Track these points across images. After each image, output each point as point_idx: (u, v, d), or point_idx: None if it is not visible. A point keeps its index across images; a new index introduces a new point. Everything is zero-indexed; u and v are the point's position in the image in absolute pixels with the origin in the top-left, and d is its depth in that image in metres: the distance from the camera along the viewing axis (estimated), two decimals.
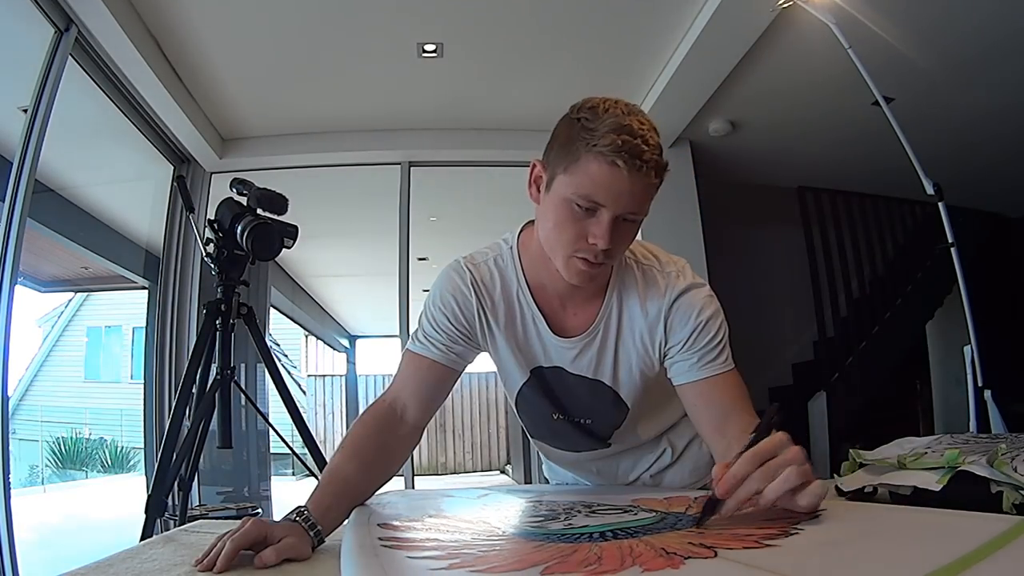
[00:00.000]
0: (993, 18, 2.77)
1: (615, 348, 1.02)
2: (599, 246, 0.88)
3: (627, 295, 1.02)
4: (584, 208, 0.87)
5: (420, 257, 5.04)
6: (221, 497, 3.71)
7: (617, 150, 0.84)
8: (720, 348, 0.97)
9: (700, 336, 0.97)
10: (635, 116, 0.88)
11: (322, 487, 0.86)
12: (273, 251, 1.91)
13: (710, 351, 0.97)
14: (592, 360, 1.03)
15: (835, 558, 0.54)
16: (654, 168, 0.86)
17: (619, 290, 1.02)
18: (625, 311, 1.02)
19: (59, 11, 2.36)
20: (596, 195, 0.86)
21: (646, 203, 0.89)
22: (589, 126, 0.86)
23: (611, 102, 0.89)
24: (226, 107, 3.41)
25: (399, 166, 3.86)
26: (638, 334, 1.01)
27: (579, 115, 0.89)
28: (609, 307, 1.02)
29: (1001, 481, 0.69)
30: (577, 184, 0.87)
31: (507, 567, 0.55)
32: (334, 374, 10.33)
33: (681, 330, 0.98)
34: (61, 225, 3.63)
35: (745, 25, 2.66)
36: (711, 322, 0.98)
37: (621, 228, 0.89)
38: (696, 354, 0.97)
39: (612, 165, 0.84)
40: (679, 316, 0.98)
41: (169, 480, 1.80)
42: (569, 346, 1.02)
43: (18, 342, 2.36)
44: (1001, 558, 0.48)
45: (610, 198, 0.86)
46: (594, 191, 0.86)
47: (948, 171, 2.80)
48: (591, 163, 0.86)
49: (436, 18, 2.80)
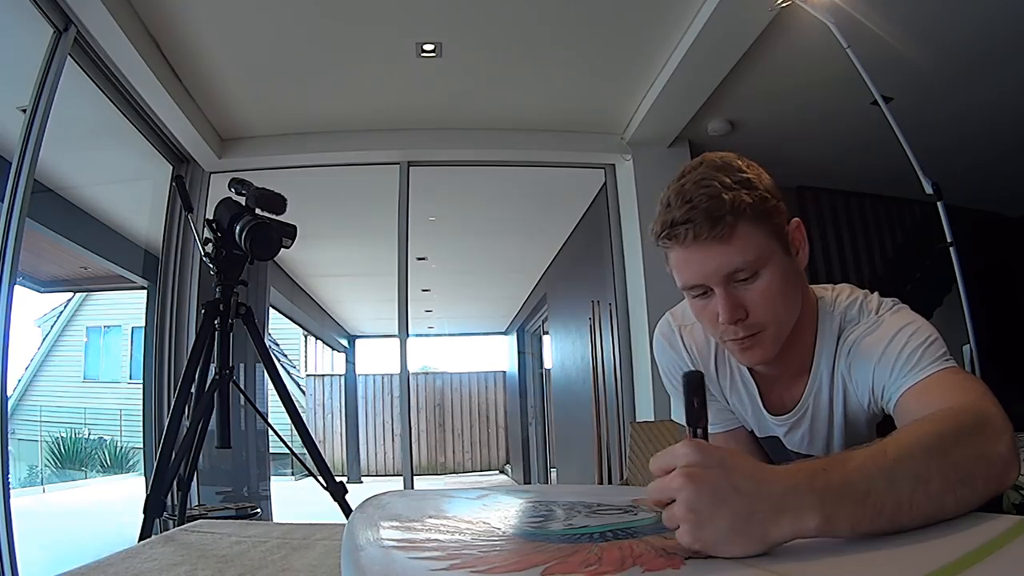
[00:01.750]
0: (993, 18, 2.77)
1: (828, 422, 0.91)
2: (724, 323, 0.81)
3: (830, 361, 0.89)
4: (699, 295, 0.82)
5: (419, 257, 5.06)
6: (220, 497, 3.71)
7: (663, 229, 0.78)
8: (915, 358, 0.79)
9: (887, 361, 0.81)
10: (690, 173, 0.80)
11: None
12: (272, 251, 1.91)
13: (904, 367, 0.79)
14: (805, 436, 0.94)
15: (835, 558, 0.54)
16: (707, 220, 0.76)
17: (824, 358, 0.89)
18: (836, 378, 0.89)
19: (58, 11, 2.35)
20: (688, 280, 0.81)
21: (745, 252, 0.78)
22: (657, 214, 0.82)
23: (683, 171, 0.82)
24: (225, 107, 3.41)
25: (398, 166, 3.86)
26: (851, 394, 0.88)
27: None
28: (817, 380, 0.90)
29: None
30: (675, 277, 0.83)
31: (507, 568, 0.55)
32: (333, 374, 10.35)
33: (886, 367, 0.81)
34: (60, 225, 3.62)
35: (744, 25, 2.66)
36: (896, 339, 0.81)
37: (745, 292, 0.80)
38: (895, 377, 0.80)
39: (673, 248, 0.80)
40: (882, 359, 0.81)
41: (168, 480, 1.79)
42: (779, 423, 0.95)
43: (17, 342, 2.36)
44: (1001, 558, 0.48)
45: (697, 275, 0.79)
46: (684, 278, 0.81)
47: (947, 171, 2.80)
48: (668, 255, 0.82)
49: (435, 18, 2.80)
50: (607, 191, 4.00)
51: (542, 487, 1.39)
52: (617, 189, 3.97)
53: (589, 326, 4.37)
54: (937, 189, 2.34)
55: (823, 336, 0.89)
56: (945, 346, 0.81)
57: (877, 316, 0.86)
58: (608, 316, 4.05)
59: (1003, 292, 4.63)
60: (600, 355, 4.22)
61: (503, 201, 4.88)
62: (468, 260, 6.60)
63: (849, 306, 0.89)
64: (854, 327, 0.86)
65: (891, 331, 0.82)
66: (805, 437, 0.94)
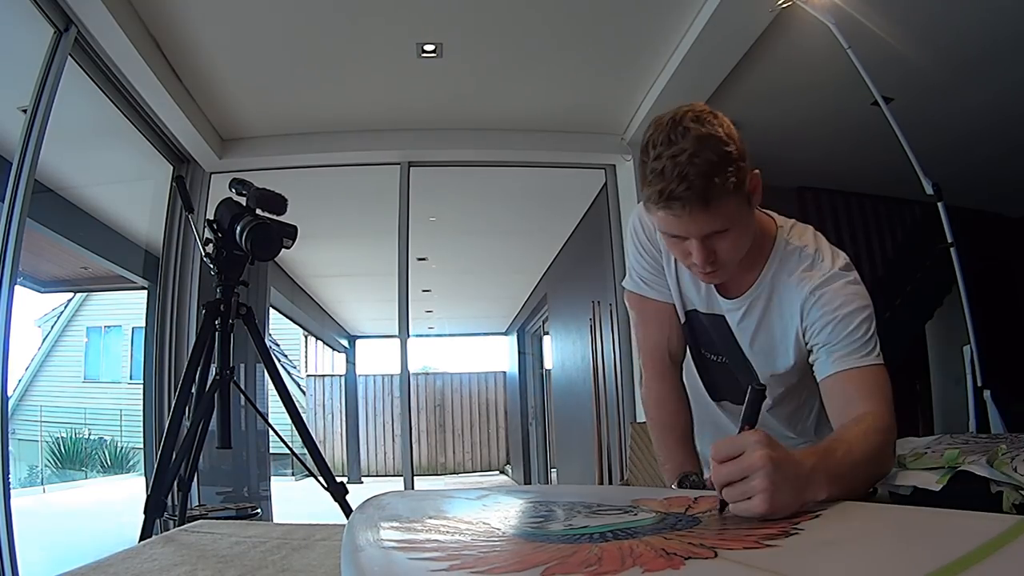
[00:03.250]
0: (993, 18, 2.77)
1: (760, 318, 1.07)
2: (700, 267, 0.95)
3: (779, 277, 1.05)
4: (672, 237, 0.95)
5: (420, 257, 5.06)
6: (220, 497, 3.71)
7: (660, 199, 0.89)
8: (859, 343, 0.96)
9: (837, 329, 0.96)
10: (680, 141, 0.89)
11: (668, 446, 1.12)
12: (272, 251, 1.90)
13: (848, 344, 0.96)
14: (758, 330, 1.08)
15: (835, 558, 0.54)
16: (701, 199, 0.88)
17: (774, 272, 1.06)
18: (775, 292, 1.05)
19: (58, 11, 2.36)
20: (671, 231, 0.94)
21: (725, 218, 0.91)
22: (644, 169, 0.92)
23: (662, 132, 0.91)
24: (225, 107, 3.41)
25: (399, 166, 3.86)
26: (785, 315, 1.04)
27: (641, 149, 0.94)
28: (762, 284, 1.06)
29: (1001, 481, 0.69)
30: (656, 222, 0.96)
31: (507, 568, 0.55)
32: (333, 374, 10.35)
33: (820, 321, 0.98)
34: (61, 225, 3.63)
35: (744, 25, 2.66)
36: (851, 315, 0.97)
37: (717, 243, 0.93)
38: (834, 348, 0.97)
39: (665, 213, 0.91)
40: (819, 307, 0.99)
41: (168, 480, 1.79)
42: (731, 307, 1.09)
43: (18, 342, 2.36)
44: (1001, 558, 0.48)
45: (683, 231, 0.92)
46: (668, 229, 0.94)
47: (947, 171, 2.80)
48: (654, 211, 0.92)
49: (436, 18, 2.80)
50: (607, 191, 4.00)
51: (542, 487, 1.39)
52: (618, 189, 3.97)
53: (589, 326, 4.37)
54: (937, 189, 2.34)
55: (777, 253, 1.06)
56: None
57: (832, 266, 1.01)
58: (608, 316, 4.05)
59: (1003, 292, 4.62)
60: (600, 355, 4.22)
61: (503, 201, 4.88)
62: (468, 260, 6.60)
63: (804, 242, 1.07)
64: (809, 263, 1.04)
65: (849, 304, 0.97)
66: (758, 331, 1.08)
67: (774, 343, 1.07)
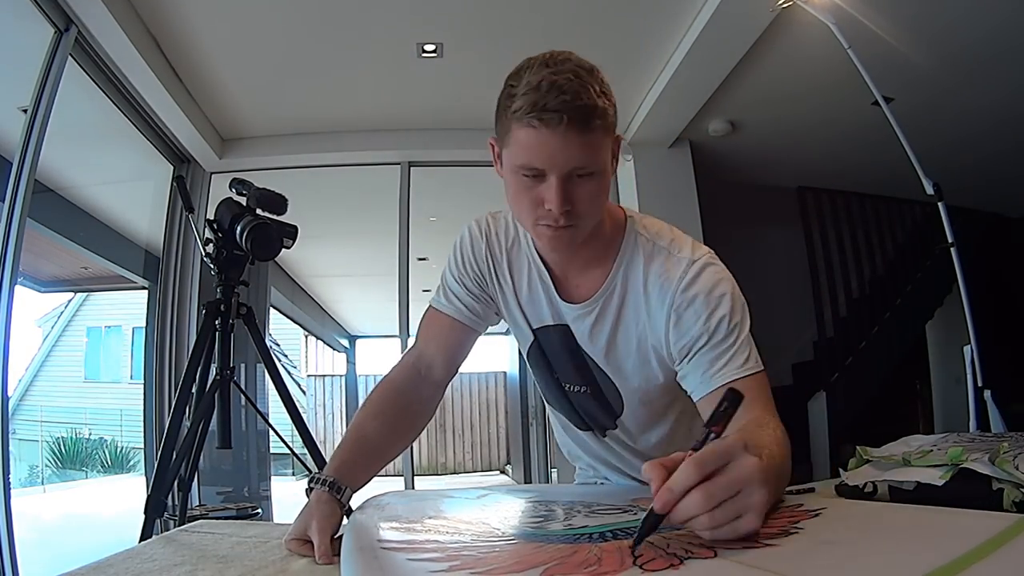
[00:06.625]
0: (993, 18, 2.77)
1: (615, 324, 0.96)
2: (554, 211, 0.83)
3: (632, 273, 0.95)
4: (531, 176, 0.83)
5: (420, 257, 5.04)
6: (221, 497, 3.71)
7: (533, 109, 0.79)
8: (736, 348, 0.87)
9: (715, 336, 0.87)
10: (557, 65, 0.81)
11: (345, 446, 0.89)
12: (272, 251, 1.91)
13: (725, 352, 0.87)
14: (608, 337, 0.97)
15: (835, 558, 0.54)
16: (579, 116, 0.79)
17: (625, 267, 0.96)
18: (629, 292, 0.95)
19: (59, 11, 2.36)
20: (532, 161, 0.82)
21: (595, 155, 0.82)
22: (511, 92, 0.83)
23: (537, 58, 0.84)
24: (226, 107, 3.41)
25: (399, 166, 3.86)
26: (642, 318, 0.94)
27: (507, 81, 0.85)
28: (613, 283, 0.96)
29: (1002, 479, 0.69)
30: (514, 155, 0.84)
31: (507, 569, 0.55)
32: (334, 374, 10.34)
33: (693, 329, 0.88)
34: (61, 225, 3.63)
35: (745, 25, 2.66)
36: (725, 319, 0.87)
37: (578, 187, 0.83)
38: (709, 357, 0.87)
39: (532, 127, 0.80)
40: (686, 310, 0.89)
41: (169, 480, 1.79)
42: (577, 311, 0.98)
43: (18, 342, 2.36)
44: (1002, 556, 0.48)
45: (546, 161, 0.81)
46: (529, 158, 0.82)
47: (948, 171, 2.80)
48: (518, 130, 0.82)
49: (436, 18, 2.80)
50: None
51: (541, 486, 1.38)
52: (618, 189, 3.97)
53: None
54: (938, 189, 2.34)
55: (628, 245, 0.96)
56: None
57: (693, 257, 0.91)
58: None
59: (1004, 292, 4.62)
60: None
61: (504, 201, 4.86)
62: None
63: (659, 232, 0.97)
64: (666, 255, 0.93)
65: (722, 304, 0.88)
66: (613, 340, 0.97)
67: (632, 353, 0.96)
